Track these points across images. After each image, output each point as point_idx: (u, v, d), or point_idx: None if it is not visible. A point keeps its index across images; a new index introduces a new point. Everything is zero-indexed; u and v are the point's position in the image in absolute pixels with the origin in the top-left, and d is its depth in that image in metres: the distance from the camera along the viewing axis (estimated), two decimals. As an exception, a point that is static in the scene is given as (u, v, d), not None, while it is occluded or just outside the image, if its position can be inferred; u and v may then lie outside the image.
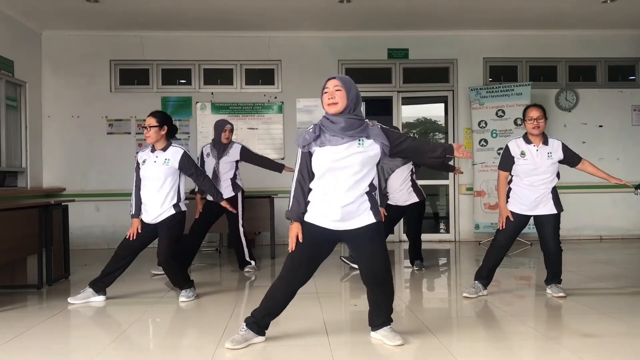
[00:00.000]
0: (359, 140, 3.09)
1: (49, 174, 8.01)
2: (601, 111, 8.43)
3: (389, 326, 3.34)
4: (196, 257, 6.06)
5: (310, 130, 3.15)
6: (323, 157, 3.09)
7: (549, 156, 4.37)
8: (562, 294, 4.44)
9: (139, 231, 4.39)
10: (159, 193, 4.36)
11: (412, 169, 5.71)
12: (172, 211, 4.38)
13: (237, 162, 5.75)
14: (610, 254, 7.11)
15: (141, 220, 4.42)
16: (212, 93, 8.24)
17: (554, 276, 4.56)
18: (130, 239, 4.41)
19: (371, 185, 3.18)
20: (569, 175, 8.79)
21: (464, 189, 8.37)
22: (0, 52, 6.90)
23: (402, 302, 4.48)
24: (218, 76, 8.30)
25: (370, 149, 3.11)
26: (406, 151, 3.26)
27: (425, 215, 6.00)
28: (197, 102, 8.20)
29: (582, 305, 4.21)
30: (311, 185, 3.17)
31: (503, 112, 7.84)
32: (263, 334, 3.35)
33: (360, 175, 3.10)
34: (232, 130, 5.75)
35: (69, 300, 4.44)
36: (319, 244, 3.20)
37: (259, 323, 3.32)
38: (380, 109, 8.85)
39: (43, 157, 7.99)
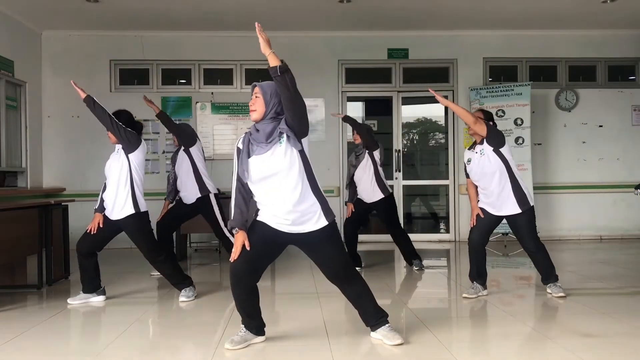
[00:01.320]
0: (279, 140, 3.05)
1: (49, 174, 8.01)
2: (601, 111, 8.43)
3: (387, 325, 3.34)
4: (196, 257, 6.06)
5: (242, 138, 3.14)
6: (253, 167, 3.07)
7: (481, 153, 4.36)
8: (562, 294, 4.43)
9: (100, 226, 4.37)
10: (117, 187, 4.33)
11: (376, 162, 5.65)
12: (132, 210, 4.33)
13: (192, 163, 5.48)
14: (610, 254, 7.11)
15: (104, 216, 4.41)
16: (212, 93, 8.24)
17: (548, 275, 4.54)
18: (91, 232, 4.37)
19: (314, 182, 3.11)
20: (569, 175, 8.85)
21: (464, 189, 8.36)
22: (0, 52, 6.91)
23: (402, 302, 4.48)
24: (218, 76, 8.30)
25: (289, 140, 3.04)
26: (285, 105, 3.01)
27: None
28: (197, 102, 8.20)
29: (582, 305, 4.21)
30: (254, 197, 3.15)
31: (503, 112, 7.83)
32: (262, 334, 3.35)
33: (293, 173, 3.04)
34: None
35: (69, 301, 4.45)
36: (268, 243, 3.14)
37: (252, 325, 3.32)
38: (380, 109, 8.86)
39: (43, 157, 7.99)
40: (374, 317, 3.35)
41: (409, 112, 9.17)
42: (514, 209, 4.37)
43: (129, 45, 8.10)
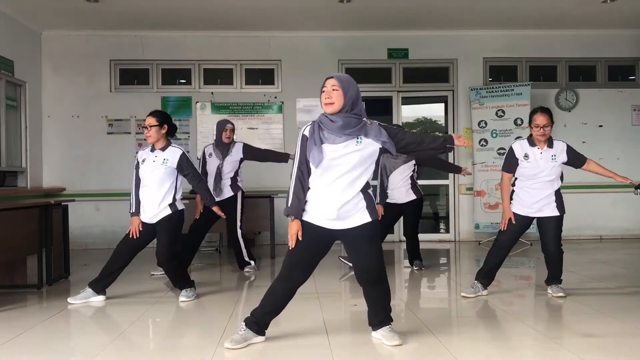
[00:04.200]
0: (357, 138, 3.09)
1: (49, 174, 8.01)
2: (601, 111, 8.43)
3: (388, 326, 3.33)
4: (196, 257, 6.06)
5: (309, 127, 3.15)
6: (324, 154, 3.09)
7: (552, 159, 4.34)
8: (562, 294, 4.44)
9: (140, 229, 4.40)
10: (157, 192, 4.37)
11: (414, 168, 5.71)
12: (169, 211, 4.38)
13: (240, 161, 5.75)
14: (610, 254, 7.10)
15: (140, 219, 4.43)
16: (212, 93, 8.24)
17: (553, 277, 4.56)
18: (133, 237, 4.41)
19: (366, 183, 3.18)
20: (569, 175, 8.78)
21: (464, 188, 8.36)
22: (0, 52, 6.91)
23: (401, 302, 4.48)
24: (218, 76, 8.30)
25: (368, 147, 3.11)
26: (408, 146, 3.24)
27: (425, 215, 6.02)
28: (197, 102, 8.20)
29: (582, 305, 4.21)
30: (309, 184, 3.18)
31: (503, 112, 7.84)
32: (263, 334, 3.35)
33: (357, 173, 3.10)
34: (233, 130, 5.76)
35: (69, 300, 4.44)
36: (317, 242, 3.19)
37: (258, 322, 3.31)
38: (380, 109, 8.85)
39: (43, 157, 7.98)
40: (381, 319, 3.35)
41: (409, 112, 9.18)
42: (553, 211, 4.40)
43: (129, 45, 8.10)
